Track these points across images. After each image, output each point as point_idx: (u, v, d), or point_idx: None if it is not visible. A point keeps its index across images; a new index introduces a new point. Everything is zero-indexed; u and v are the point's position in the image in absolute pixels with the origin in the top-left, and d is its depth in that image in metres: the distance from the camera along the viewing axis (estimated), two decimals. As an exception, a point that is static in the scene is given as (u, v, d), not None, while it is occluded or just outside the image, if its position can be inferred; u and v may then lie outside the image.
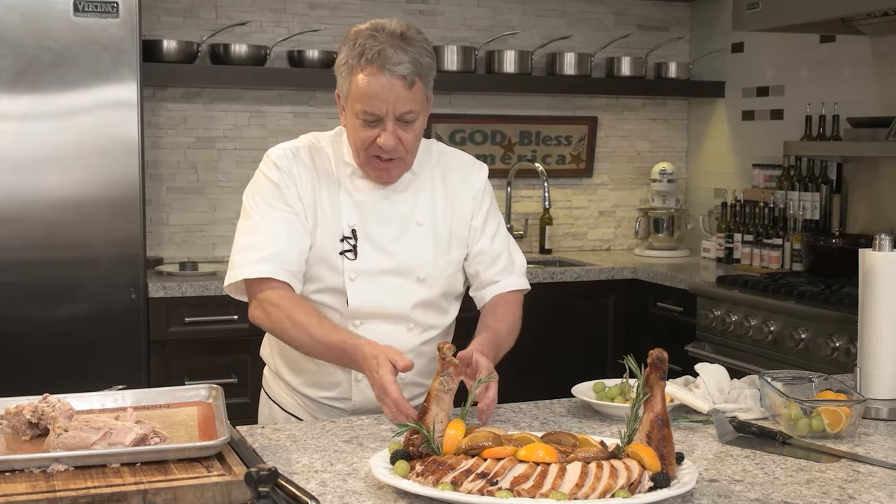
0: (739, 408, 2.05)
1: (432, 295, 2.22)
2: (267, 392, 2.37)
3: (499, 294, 2.29)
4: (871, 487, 1.65)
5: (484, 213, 2.29)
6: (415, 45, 2.06)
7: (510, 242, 2.35)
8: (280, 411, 2.31)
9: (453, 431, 1.66)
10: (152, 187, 4.37)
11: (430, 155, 2.28)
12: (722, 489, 1.63)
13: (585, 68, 4.87)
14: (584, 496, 1.49)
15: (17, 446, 1.66)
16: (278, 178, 2.16)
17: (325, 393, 2.23)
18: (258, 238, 2.13)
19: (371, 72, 2.03)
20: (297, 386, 2.26)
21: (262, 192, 2.18)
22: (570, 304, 4.41)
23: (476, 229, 2.28)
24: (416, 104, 2.07)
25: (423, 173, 2.25)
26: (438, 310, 2.26)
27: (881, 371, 2.10)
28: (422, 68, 2.06)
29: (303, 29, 4.54)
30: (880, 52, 4.17)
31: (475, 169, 2.32)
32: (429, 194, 2.24)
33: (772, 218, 4.42)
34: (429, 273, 2.21)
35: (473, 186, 2.29)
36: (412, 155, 2.16)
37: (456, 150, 2.35)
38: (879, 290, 2.09)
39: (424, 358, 2.23)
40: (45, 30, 3.56)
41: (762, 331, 3.70)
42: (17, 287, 3.60)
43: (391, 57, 2.02)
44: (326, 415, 2.24)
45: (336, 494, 1.59)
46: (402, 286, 2.19)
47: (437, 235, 2.23)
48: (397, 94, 2.04)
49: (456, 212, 2.26)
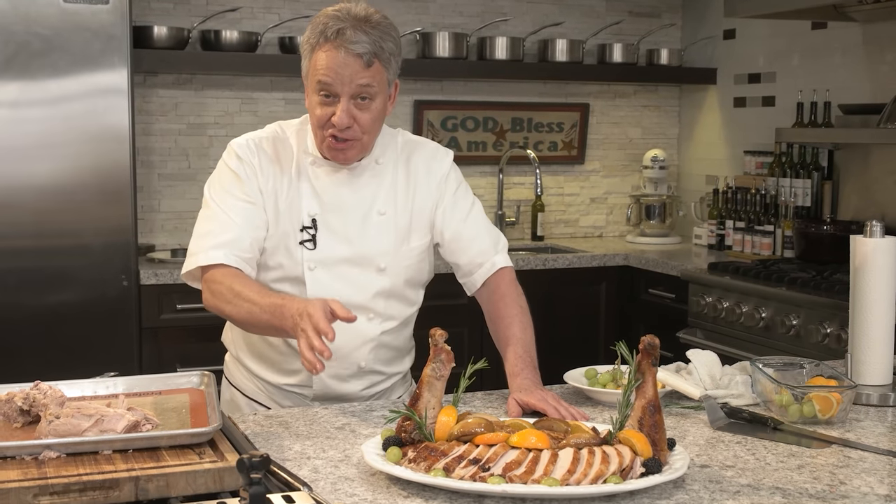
0: (731, 394, 2.05)
1: (393, 284, 2.21)
2: (228, 378, 2.36)
3: (491, 281, 2.25)
4: (862, 473, 1.66)
5: (450, 199, 2.26)
6: (377, 28, 2.07)
7: (486, 222, 2.31)
8: (241, 397, 2.30)
9: (445, 418, 1.66)
10: (143, 174, 4.35)
11: (396, 144, 2.27)
12: (713, 475, 1.64)
13: (577, 55, 4.87)
14: (576, 482, 1.49)
15: (9, 433, 1.66)
16: (238, 168, 2.17)
17: (287, 379, 2.23)
18: (213, 226, 2.14)
19: (328, 48, 2.05)
20: (258, 372, 2.26)
21: (221, 181, 2.19)
22: (561, 290, 4.41)
23: (444, 215, 2.25)
24: (374, 81, 2.07)
25: (387, 163, 2.23)
26: (401, 299, 2.24)
27: (872, 357, 2.10)
28: (382, 51, 2.07)
29: (294, 15, 4.52)
30: (871, 38, 4.17)
31: (438, 156, 2.29)
32: (390, 183, 2.22)
33: (763, 205, 4.43)
34: (389, 263, 2.20)
35: (437, 173, 2.26)
36: (369, 137, 2.14)
37: (421, 139, 2.33)
38: (870, 276, 2.10)
39: (384, 348, 2.23)
40: (34, 16, 3.54)
41: (753, 317, 3.71)
42: (8, 274, 3.59)
43: (350, 36, 2.04)
44: (289, 401, 2.24)
45: (328, 481, 1.59)
46: (362, 276, 2.18)
47: (397, 224, 2.21)
48: (353, 70, 2.04)
49: (418, 200, 2.24)
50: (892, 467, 1.68)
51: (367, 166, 2.20)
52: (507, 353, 2.13)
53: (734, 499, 1.53)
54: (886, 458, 1.73)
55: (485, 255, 2.26)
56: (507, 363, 2.10)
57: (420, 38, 4.68)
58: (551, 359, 2.48)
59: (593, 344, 4.46)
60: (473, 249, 2.26)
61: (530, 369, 2.07)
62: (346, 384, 2.21)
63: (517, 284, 2.28)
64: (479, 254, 2.26)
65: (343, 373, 2.20)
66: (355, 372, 2.21)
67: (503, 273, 2.27)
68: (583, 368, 2.19)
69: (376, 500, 1.51)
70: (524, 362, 2.08)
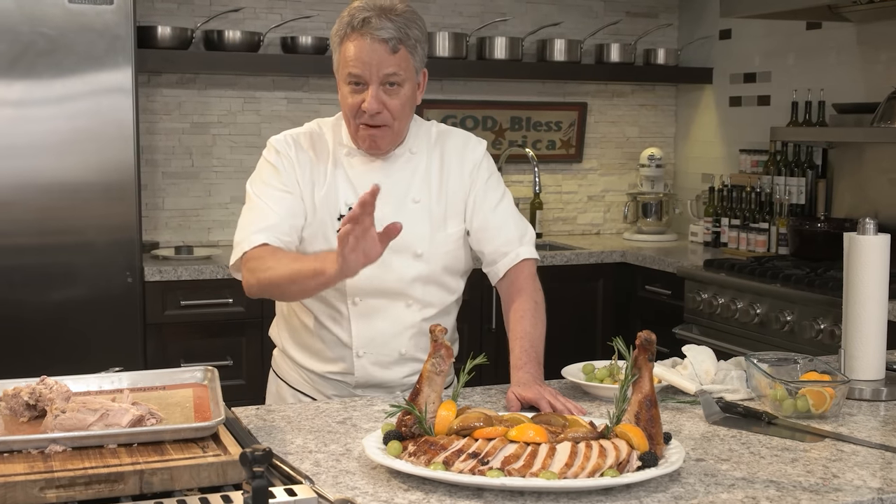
0: (726, 389, 2.06)
1: (431, 271, 2.22)
2: (275, 370, 2.39)
3: (511, 273, 2.24)
4: (855, 466, 1.66)
5: (481, 187, 2.27)
6: (402, 16, 2.12)
7: (515, 213, 2.31)
8: (287, 388, 2.33)
9: (445, 412, 1.66)
10: (147, 172, 4.35)
11: (430, 135, 2.29)
12: (709, 468, 1.64)
13: (575, 55, 4.86)
14: (574, 475, 1.49)
15: (16, 428, 1.66)
16: (276, 161, 2.20)
17: (329, 367, 2.25)
18: (253, 216, 2.16)
19: (356, 37, 2.09)
20: (303, 362, 2.28)
21: (261, 175, 2.22)
22: (559, 287, 4.40)
23: (474, 203, 2.26)
24: (401, 69, 2.11)
25: (420, 152, 2.25)
26: (439, 286, 2.25)
27: (865, 352, 2.11)
28: (407, 38, 2.11)
29: (296, 15, 4.52)
30: (865, 39, 4.17)
31: (471, 144, 2.31)
32: (424, 172, 2.24)
33: (758, 202, 4.43)
34: (426, 249, 2.21)
35: (469, 162, 2.28)
36: (400, 123, 2.16)
37: (454, 129, 2.34)
38: (864, 273, 2.10)
39: (425, 336, 2.22)
40: (40, 16, 3.54)
41: (748, 313, 3.71)
42: (15, 271, 3.59)
43: (375, 24, 2.08)
44: (332, 388, 2.26)
45: (330, 474, 1.60)
46: (399, 262, 2.18)
47: (432, 212, 2.23)
48: (380, 57, 2.08)
49: (451, 188, 2.25)
50: (885, 461, 1.69)
51: (401, 155, 2.23)
52: (515, 347, 2.13)
53: (729, 492, 1.53)
54: (879, 451, 1.74)
55: (510, 244, 2.25)
56: (513, 356, 2.10)
57: (420, 38, 4.67)
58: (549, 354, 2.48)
59: (591, 339, 4.46)
60: (500, 239, 2.25)
61: (533, 364, 2.07)
62: (387, 371, 2.23)
63: (536, 279, 2.26)
64: (505, 243, 2.25)
65: (384, 359, 2.22)
66: (396, 359, 2.22)
67: (524, 265, 2.25)
68: (580, 363, 2.19)
69: (377, 494, 1.51)
70: (528, 356, 2.08)
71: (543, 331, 2.18)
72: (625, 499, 1.49)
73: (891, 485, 1.57)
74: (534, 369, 2.05)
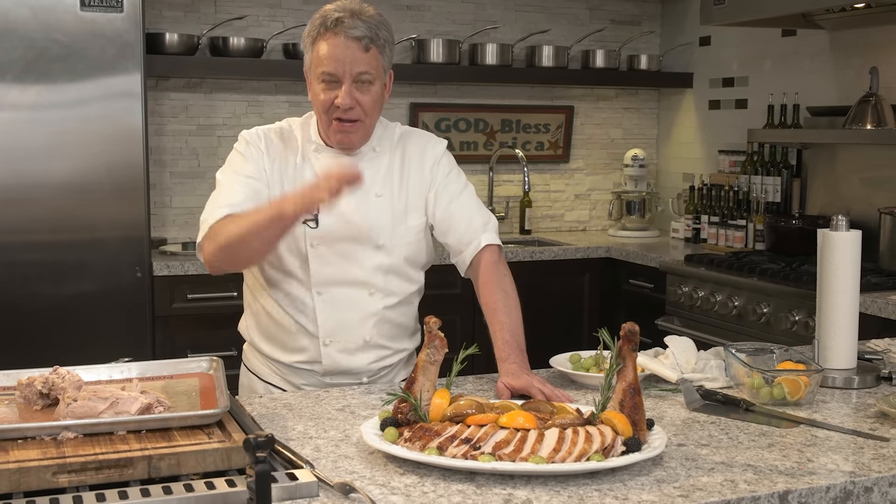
0: (706, 377, 2.05)
1: (392, 261, 2.22)
2: (246, 364, 2.38)
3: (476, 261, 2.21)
4: (828, 451, 1.66)
5: (442, 181, 2.26)
6: (372, 18, 2.13)
7: (477, 204, 2.28)
8: (257, 380, 2.31)
9: (439, 400, 1.66)
10: (156, 172, 4.34)
11: (394, 135, 2.29)
12: (689, 453, 1.64)
13: (563, 60, 4.86)
14: (561, 459, 1.49)
15: (29, 415, 1.65)
16: (245, 151, 2.21)
17: (297, 357, 2.24)
18: (218, 197, 2.16)
19: (329, 36, 2.10)
20: (270, 353, 2.27)
21: (231, 164, 2.22)
22: (548, 281, 4.41)
23: (436, 197, 2.25)
24: (371, 67, 2.11)
25: (384, 151, 2.26)
26: (400, 276, 2.25)
27: (837, 343, 2.11)
28: (377, 38, 2.11)
29: (297, 23, 4.51)
30: (838, 45, 4.17)
31: (431, 143, 2.31)
32: (387, 169, 2.24)
33: (736, 200, 4.43)
34: (387, 240, 2.21)
35: (430, 158, 2.28)
36: (371, 119, 2.17)
37: (417, 130, 2.35)
38: (836, 267, 2.10)
39: (388, 323, 2.24)
40: (53, 23, 3.53)
41: (727, 306, 3.71)
42: (30, 267, 3.58)
43: (348, 23, 2.09)
44: (301, 378, 2.24)
45: (329, 459, 1.59)
46: (362, 252, 2.19)
47: (394, 205, 2.23)
48: (353, 55, 2.09)
49: (412, 183, 2.25)
50: (856, 446, 1.69)
51: (366, 153, 2.23)
52: (496, 339, 2.12)
53: (709, 475, 1.53)
54: (851, 437, 1.74)
55: (473, 233, 2.23)
56: (496, 348, 2.09)
57: (415, 45, 4.67)
58: (538, 344, 2.47)
59: (577, 331, 4.46)
60: (461, 228, 2.23)
61: (517, 353, 2.06)
62: (353, 358, 2.22)
63: (501, 264, 2.22)
64: (468, 232, 2.23)
65: (350, 346, 2.21)
66: (361, 345, 2.22)
67: (486, 252, 2.21)
68: (567, 353, 2.19)
69: (374, 477, 1.51)
70: (511, 347, 2.07)
71: (519, 315, 2.15)
72: (610, 482, 1.49)
73: (862, 468, 1.57)
74: (519, 359, 2.04)
